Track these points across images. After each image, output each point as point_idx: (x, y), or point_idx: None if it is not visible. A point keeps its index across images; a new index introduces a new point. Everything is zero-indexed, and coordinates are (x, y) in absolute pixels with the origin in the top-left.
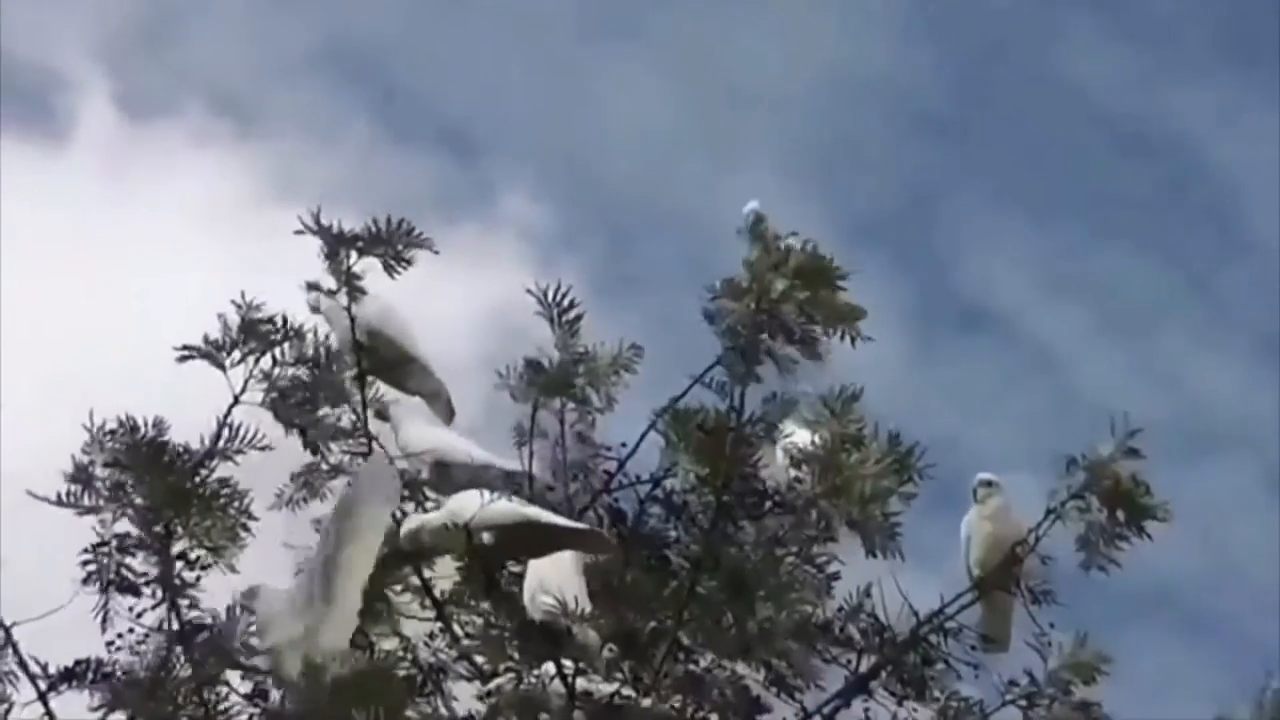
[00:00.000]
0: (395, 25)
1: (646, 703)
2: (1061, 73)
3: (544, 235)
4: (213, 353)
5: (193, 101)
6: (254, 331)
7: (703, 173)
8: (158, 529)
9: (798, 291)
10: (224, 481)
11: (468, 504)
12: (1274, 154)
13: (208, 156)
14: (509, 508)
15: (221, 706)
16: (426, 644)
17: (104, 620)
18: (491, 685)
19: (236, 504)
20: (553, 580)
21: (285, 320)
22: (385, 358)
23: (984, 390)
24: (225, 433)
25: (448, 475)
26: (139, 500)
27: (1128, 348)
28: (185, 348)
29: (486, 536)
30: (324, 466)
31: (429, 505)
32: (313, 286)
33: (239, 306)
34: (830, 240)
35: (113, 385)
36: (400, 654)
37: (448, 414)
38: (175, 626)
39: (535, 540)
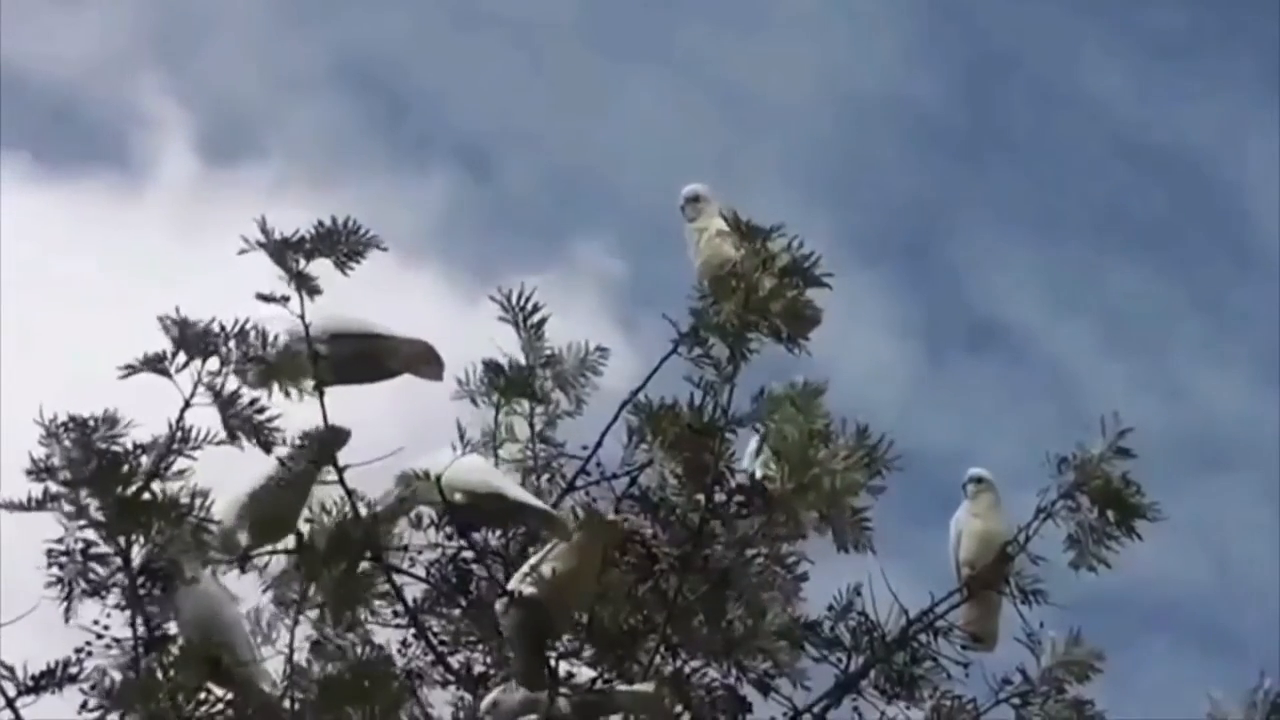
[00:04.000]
0: (409, 47)
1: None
2: (1072, 90)
3: (549, 238)
4: (155, 363)
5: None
6: (195, 338)
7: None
8: (118, 541)
9: (786, 290)
10: (177, 493)
11: (442, 459)
12: None
13: (285, 203)
14: (481, 475)
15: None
16: (401, 650)
17: (66, 619)
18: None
19: (194, 514)
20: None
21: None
22: (352, 353)
23: (992, 405)
24: (179, 435)
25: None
26: (95, 513)
27: (1135, 364)
28: (127, 366)
29: (459, 496)
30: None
31: None
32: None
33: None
34: (841, 256)
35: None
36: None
37: (438, 372)
38: (142, 633)
39: (501, 511)
